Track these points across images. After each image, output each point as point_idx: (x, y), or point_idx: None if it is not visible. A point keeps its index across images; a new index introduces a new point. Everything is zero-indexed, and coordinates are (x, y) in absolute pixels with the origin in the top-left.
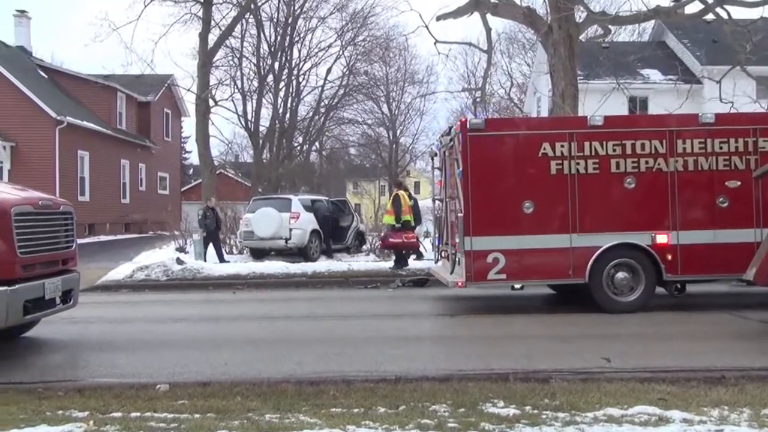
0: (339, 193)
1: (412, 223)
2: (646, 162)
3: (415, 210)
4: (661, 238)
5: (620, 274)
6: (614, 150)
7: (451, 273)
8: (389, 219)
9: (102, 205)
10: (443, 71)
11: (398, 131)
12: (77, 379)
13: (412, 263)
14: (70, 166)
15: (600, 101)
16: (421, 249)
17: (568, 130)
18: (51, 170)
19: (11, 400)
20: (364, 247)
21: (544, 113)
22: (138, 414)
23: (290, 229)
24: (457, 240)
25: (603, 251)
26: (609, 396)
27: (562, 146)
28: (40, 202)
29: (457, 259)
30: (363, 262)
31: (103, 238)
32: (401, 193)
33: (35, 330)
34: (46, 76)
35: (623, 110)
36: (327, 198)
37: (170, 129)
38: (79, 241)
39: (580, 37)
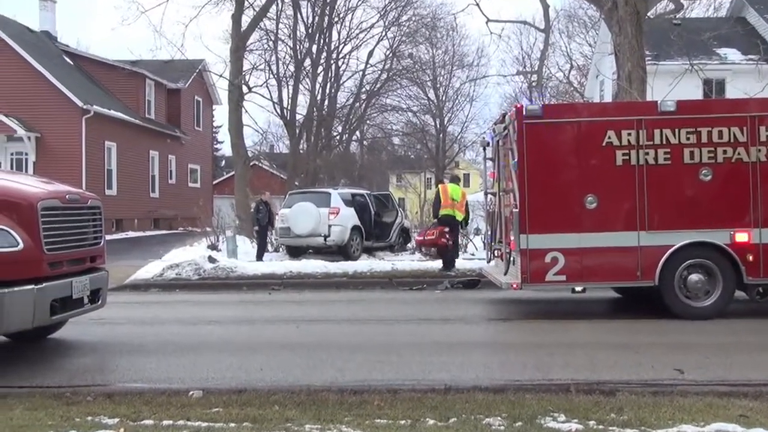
0: (381, 186)
1: (457, 219)
2: (724, 151)
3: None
4: (741, 237)
5: (694, 277)
6: (688, 138)
7: (505, 274)
8: (459, 214)
9: (130, 199)
10: (495, 53)
11: (446, 119)
12: (106, 384)
13: (462, 263)
14: (97, 157)
15: (671, 84)
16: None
17: (635, 116)
18: (77, 162)
19: (39, 405)
20: (409, 245)
21: (608, 98)
22: (170, 422)
23: (329, 226)
24: (512, 238)
25: (675, 251)
26: (683, 411)
27: (629, 134)
28: (67, 196)
29: (511, 259)
30: (408, 262)
31: (131, 234)
32: (446, 185)
33: (62, 331)
34: (71, 63)
35: (697, 94)
36: (368, 192)
37: (201, 118)
38: (107, 237)
39: (649, 14)
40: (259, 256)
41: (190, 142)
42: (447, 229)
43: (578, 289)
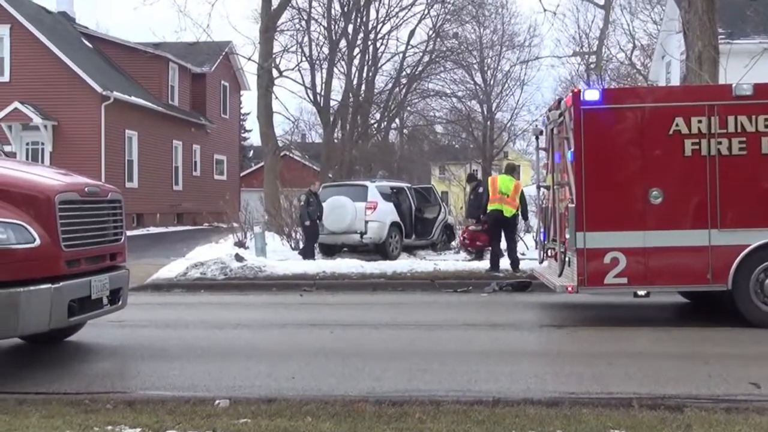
0: (423, 178)
1: (506, 215)
2: None
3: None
4: None
5: None
6: (766, 126)
7: (560, 276)
8: (509, 210)
9: (152, 192)
10: (549, 32)
11: (494, 105)
12: (127, 391)
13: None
14: (117, 147)
15: (747, 66)
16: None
17: (706, 101)
18: (96, 152)
19: (56, 413)
20: (453, 243)
21: (676, 81)
22: None
23: (366, 222)
24: (567, 236)
25: (751, 251)
26: (760, 430)
27: (699, 122)
28: (86, 189)
29: (566, 260)
30: (452, 262)
31: (153, 230)
32: (495, 177)
33: (80, 334)
34: (90, 46)
35: None
36: (409, 185)
37: (228, 104)
38: (127, 233)
39: None
40: (308, 254)
41: (216, 130)
42: (481, 227)
43: (641, 293)
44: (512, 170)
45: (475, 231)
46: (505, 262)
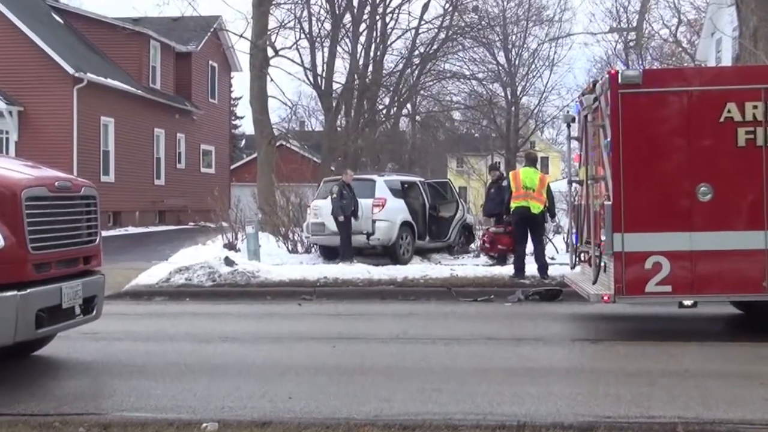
0: (438, 172)
1: (533, 212)
2: None
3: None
4: None
5: None
6: None
7: (594, 283)
8: (536, 206)
9: (130, 187)
10: (582, 6)
11: (519, 89)
12: (102, 412)
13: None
14: (91, 136)
15: None
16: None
17: (762, 84)
18: (67, 142)
19: None
20: (473, 245)
21: (727, 61)
22: None
23: (373, 221)
24: (603, 238)
25: None
26: None
27: (755, 107)
28: (56, 184)
29: (602, 265)
30: (471, 267)
31: (132, 230)
32: (517, 171)
33: (49, 348)
34: (61, 21)
35: None
36: (422, 179)
37: (217, 88)
38: (103, 234)
39: None
40: (346, 254)
41: (204, 117)
42: (504, 229)
43: (687, 303)
44: (534, 161)
45: (496, 233)
46: (531, 268)
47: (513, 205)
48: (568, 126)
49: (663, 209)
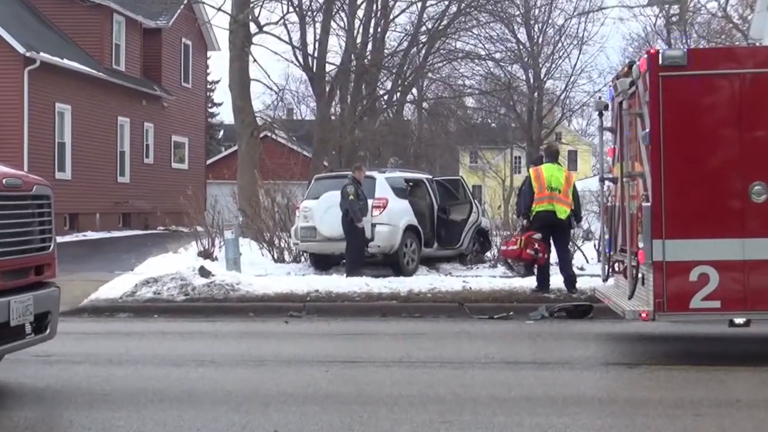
0: (448, 168)
1: (560, 217)
2: None
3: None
4: None
5: None
6: None
7: (630, 297)
8: (562, 210)
9: (90, 185)
10: None
11: (543, 71)
12: None
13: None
14: (45, 125)
15: None
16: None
17: None
18: (16, 132)
19: None
20: (489, 253)
21: None
22: None
23: (373, 225)
24: (641, 245)
25: None
26: None
27: None
28: (4, 181)
29: (640, 276)
30: (486, 278)
31: (92, 235)
32: (539, 169)
33: None
34: None
35: None
36: (430, 176)
37: (191, 70)
38: (58, 239)
39: None
40: (354, 269)
41: (176, 104)
42: (537, 235)
43: (738, 321)
44: (556, 155)
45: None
46: (557, 280)
47: (536, 208)
48: (600, 115)
49: (711, 212)
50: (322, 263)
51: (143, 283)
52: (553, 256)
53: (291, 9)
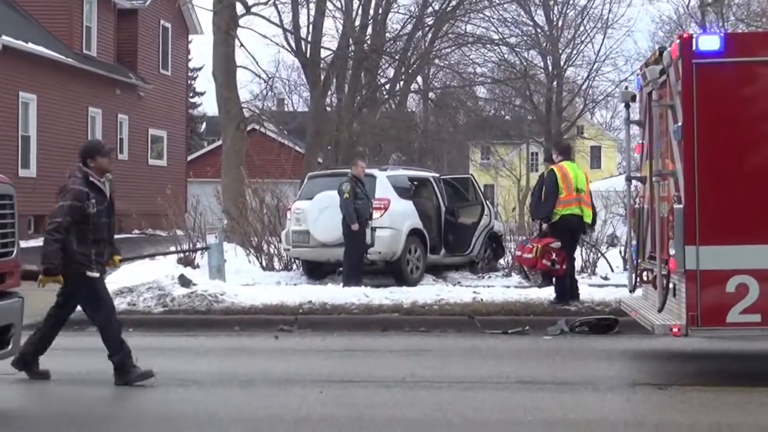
0: (457, 165)
1: (585, 221)
2: None
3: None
4: None
5: None
6: None
7: (660, 310)
8: (588, 214)
9: (57, 184)
10: None
11: (563, 57)
12: None
13: (589, 292)
14: (7, 117)
15: None
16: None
17: None
18: None
19: None
20: (502, 261)
21: None
22: None
23: (373, 229)
24: (672, 252)
25: None
26: None
27: None
28: None
29: (671, 287)
30: (499, 288)
31: None
32: (563, 167)
33: None
34: None
35: None
36: (437, 175)
37: (170, 55)
38: (22, 243)
39: None
40: (352, 279)
41: (153, 93)
42: (556, 244)
43: None
44: (569, 152)
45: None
46: (581, 291)
47: (562, 212)
48: (627, 106)
49: (750, 215)
50: (316, 271)
51: (117, 293)
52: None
53: None
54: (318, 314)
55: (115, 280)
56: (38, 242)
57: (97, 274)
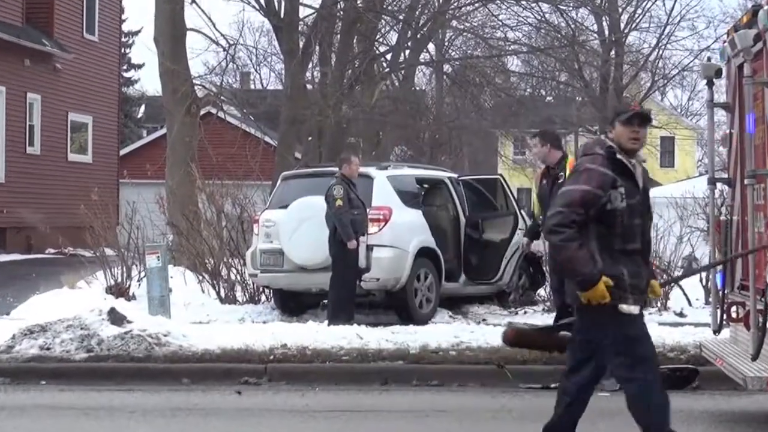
0: (482, 163)
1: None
2: None
3: None
4: None
5: None
6: None
7: (755, 358)
8: None
9: None
10: None
11: (624, 19)
12: None
13: (658, 331)
14: None
15: None
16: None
17: None
18: None
19: None
20: (542, 290)
21: None
22: None
23: (368, 248)
24: None
25: None
26: None
27: None
28: None
29: None
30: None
31: None
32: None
33: None
34: None
35: None
36: (453, 175)
37: (97, 16)
38: None
39: None
40: (343, 313)
41: (75, 65)
42: None
43: None
44: (558, 141)
45: None
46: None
47: None
48: (710, 84)
49: None
50: (293, 304)
51: (24, 333)
52: None
53: None
54: (295, 362)
55: (22, 316)
56: None
57: (636, 310)
